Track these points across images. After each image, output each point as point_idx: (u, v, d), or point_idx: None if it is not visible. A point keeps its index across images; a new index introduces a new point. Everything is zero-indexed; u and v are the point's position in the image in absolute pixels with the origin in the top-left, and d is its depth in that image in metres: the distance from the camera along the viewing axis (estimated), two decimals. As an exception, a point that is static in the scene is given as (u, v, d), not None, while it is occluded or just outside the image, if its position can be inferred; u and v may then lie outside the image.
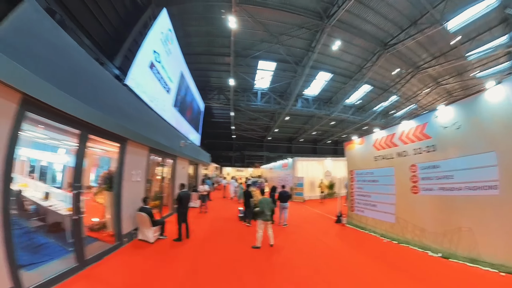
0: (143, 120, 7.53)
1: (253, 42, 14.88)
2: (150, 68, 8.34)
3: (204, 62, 17.27)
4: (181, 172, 12.88)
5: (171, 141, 10.41)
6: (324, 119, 24.00)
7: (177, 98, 12.53)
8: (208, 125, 30.85)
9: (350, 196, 9.89)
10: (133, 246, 6.46)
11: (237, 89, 19.24)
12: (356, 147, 9.98)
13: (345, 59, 16.74)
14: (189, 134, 15.37)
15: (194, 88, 16.69)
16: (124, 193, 6.46)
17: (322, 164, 18.25)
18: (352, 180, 9.93)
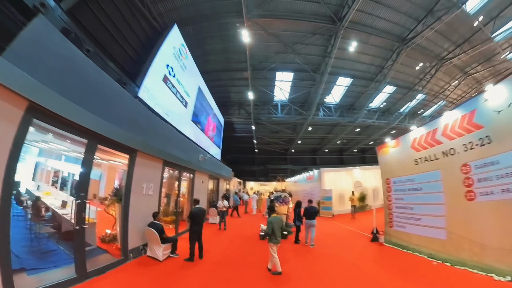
0: (156, 132, 7.56)
1: (268, 54, 15.18)
2: (164, 82, 8.75)
3: (224, 79, 17.87)
4: (200, 186, 12.75)
5: (189, 155, 10.44)
6: (348, 126, 23.28)
7: (195, 112, 12.91)
8: (230, 140, 31.22)
9: (387, 210, 8.47)
10: (139, 263, 6.12)
11: (256, 102, 19.48)
12: (391, 151, 8.71)
13: (363, 61, 16.40)
14: (209, 149, 15.63)
15: (213, 103, 17.15)
16: (132, 206, 6.25)
17: (351, 174, 16.80)
18: (389, 190, 8.58)
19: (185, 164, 9.94)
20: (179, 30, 10.54)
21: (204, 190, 13.91)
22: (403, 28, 13.98)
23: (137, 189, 6.51)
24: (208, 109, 16.05)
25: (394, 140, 8.69)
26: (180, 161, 9.25)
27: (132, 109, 6.46)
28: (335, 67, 16.09)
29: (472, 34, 14.52)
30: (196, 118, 13.08)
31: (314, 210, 8.60)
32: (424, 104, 23.59)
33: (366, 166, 17.96)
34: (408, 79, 19.16)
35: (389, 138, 9.61)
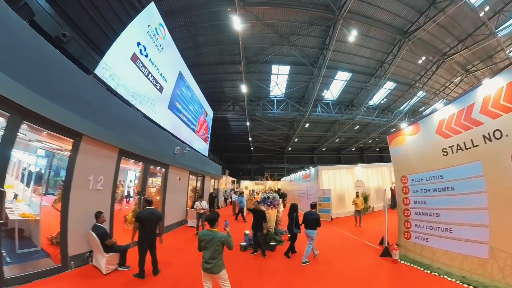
0: (112, 115, 6.46)
1: (263, 46, 14.42)
2: (132, 61, 7.66)
3: (217, 72, 17.12)
4: (176, 184, 11.06)
5: (160, 146, 9.22)
6: (347, 124, 22.58)
7: (174, 99, 11.52)
8: (225, 138, 30.66)
9: (403, 216, 6.57)
10: (81, 273, 5.01)
11: (252, 98, 18.74)
12: (408, 140, 6.70)
13: (363, 54, 15.68)
14: (192, 142, 14.43)
15: (199, 92, 15.85)
16: (73, 202, 5.12)
17: (352, 172, 15.03)
18: (406, 191, 6.56)
19: (154, 156, 8.50)
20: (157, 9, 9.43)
21: (183, 188, 12.20)
22: (404, 20, 13.30)
23: (81, 182, 5.37)
24: (192, 98, 14.69)
25: (412, 125, 6.64)
26: (146, 152, 7.90)
27: (81, 86, 5.52)
28: (333, 60, 15.39)
29: (475, 29, 13.97)
30: (175, 106, 11.70)
31: (314, 217, 6.52)
32: (424, 102, 22.97)
33: (368, 164, 16.89)
34: (409, 76, 18.55)
35: (404, 123, 8.44)
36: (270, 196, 8.30)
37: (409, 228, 6.40)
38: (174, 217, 10.65)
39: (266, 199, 8.18)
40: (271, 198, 8.19)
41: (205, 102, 17.33)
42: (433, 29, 13.49)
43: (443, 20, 12.66)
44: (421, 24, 12.94)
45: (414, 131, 6.55)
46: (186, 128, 13.47)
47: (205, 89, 18.88)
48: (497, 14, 12.83)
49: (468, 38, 14.60)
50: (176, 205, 10.89)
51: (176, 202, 10.96)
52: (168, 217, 9.75)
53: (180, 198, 11.55)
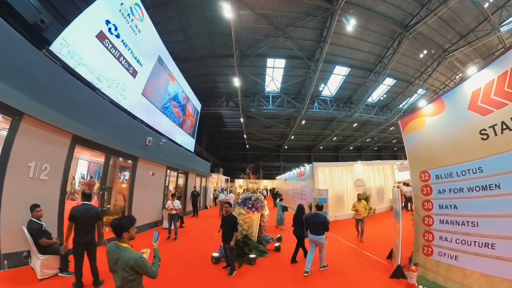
0: (64, 96, 5.67)
1: (257, 38, 13.76)
2: (99, 39, 6.92)
3: (210, 66, 16.46)
4: (149, 180, 9.77)
5: (128, 136, 8.22)
6: (345, 121, 22.03)
7: (151, 86, 10.50)
8: (220, 135, 30.07)
9: (421, 225, 4.95)
10: (13, 275, 4.26)
11: (246, 93, 18.10)
12: (428, 123, 4.99)
13: (362, 48, 15.06)
14: (173, 135, 13.32)
15: (183, 83, 14.87)
16: (7, 192, 4.36)
17: (352, 171, 13.42)
18: (426, 191, 4.90)
19: (119, 146, 7.54)
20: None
21: (158, 185, 10.79)
22: (405, 13, 12.73)
23: (19, 168, 4.62)
24: (174, 87, 13.72)
25: (434, 103, 4.88)
26: (109, 141, 6.99)
27: (27, 60, 4.84)
28: (331, 54, 14.80)
29: (477, 25, 13.48)
30: (152, 94, 10.75)
31: (321, 220, 5.41)
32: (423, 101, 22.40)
33: (369, 162, 15.42)
34: (409, 72, 18.04)
35: (423, 101, 7.18)
36: (252, 197, 6.91)
37: (430, 242, 4.67)
38: (145, 217, 9.32)
39: (246, 201, 6.83)
40: (253, 200, 6.81)
41: (192, 95, 16.45)
42: (434, 23, 13.01)
43: (444, 14, 12.16)
44: (422, 17, 12.37)
45: (437, 109, 4.73)
46: (165, 119, 12.36)
47: (198, 84, 18.26)
48: (500, 9, 12.36)
49: (469, 33, 14.10)
50: (148, 204, 9.64)
51: (149, 201, 9.73)
52: (136, 217, 8.57)
53: (154, 196, 10.28)
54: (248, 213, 6.66)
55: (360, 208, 8.32)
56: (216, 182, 24.23)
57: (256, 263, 5.87)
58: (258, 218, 7.04)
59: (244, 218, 6.53)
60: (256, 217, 6.91)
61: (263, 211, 7.17)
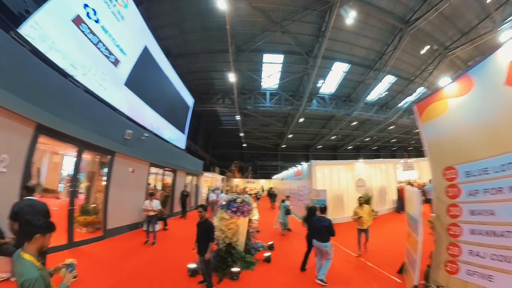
0: (31, 82, 5.17)
1: (254, 32, 13.30)
2: (75, 24, 6.41)
3: (205, 62, 15.97)
4: (128, 177, 8.95)
5: (104, 128, 7.51)
6: (344, 120, 21.62)
7: (136, 76, 9.73)
8: (217, 133, 29.66)
9: (445, 236, 3.84)
10: None
11: (243, 90, 17.66)
12: (452, 106, 3.89)
13: (362, 44, 14.64)
14: (161, 130, 12.57)
15: (173, 75, 14.09)
16: None
17: (352, 169, 12.31)
18: (452, 192, 3.76)
19: (92, 139, 6.82)
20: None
21: (140, 183, 9.85)
22: (406, 7, 12.31)
23: None
24: (162, 78, 12.92)
25: (458, 80, 3.77)
26: (80, 132, 6.33)
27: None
28: (330, 50, 14.37)
29: (479, 22, 13.09)
30: (137, 85, 9.96)
31: (325, 224, 4.90)
32: (424, 99, 22.01)
33: (371, 160, 14.50)
34: (409, 70, 17.67)
35: (446, 78, 5.83)
36: (238, 199, 6.02)
37: (456, 257, 3.62)
38: (123, 218, 8.44)
39: (230, 204, 5.94)
40: (239, 202, 5.94)
41: (183, 89, 15.77)
42: (436, 19, 12.62)
43: (446, 10, 11.77)
44: (423, 13, 11.97)
45: (463, 88, 3.66)
46: (151, 112, 11.55)
47: (193, 81, 17.84)
48: (503, 6, 11.93)
49: (471, 31, 13.74)
50: (127, 204, 8.72)
51: (128, 200, 8.81)
52: (113, 217, 7.81)
53: (134, 195, 9.27)
54: (232, 218, 5.81)
55: (364, 215, 6.46)
56: (211, 181, 23.42)
57: (239, 278, 4.92)
58: (246, 224, 6.19)
59: (228, 224, 5.74)
60: (242, 222, 6.06)
61: (250, 216, 6.22)
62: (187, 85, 17.65)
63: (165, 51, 14.87)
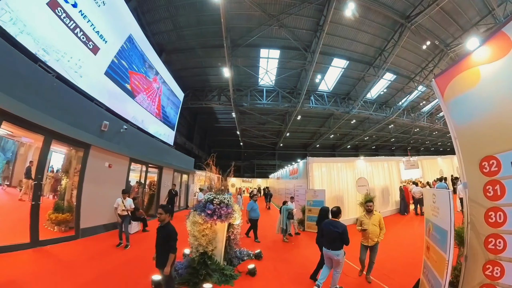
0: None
1: (250, 27, 12.89)
2: (50, 8, 5.96)
3: (200, 57, 15.51)
4: (104, 172, 8.14)
5: (76, 117, 6.86)
6: (343, 118, 21.25)
7: (117, 66, 9.14)
8: (213, 132, 29.22)
9: (480, 249, 2.80)
10: None
11: (239, 87, 17.24)
12: (486, 75, 2.81)
13: (361, 40, 14.24)
14: (146, 124, 11.80)
15: (162, 67, 13.37)
16: None
17: (353, 168, 11.28)
18: (493, 191, 2.68)
19: (62, 129, 6.17)
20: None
21: (118, 179, 8.91)
22: (407, 2, 11.95)
23: None
24: (149, 71, 12.15)
25: (491, 41, 2.80)
26: (48, 121, 5.75)
27: None
28: (328, 45, 14.00)
29: (481, 18, 12.77)
30: (119, 76, 9.33)
31: (338, 230, 4.11)
32: (424, 98, 21.90)
33: (373, 158, 13.51)
34: (409, 67, 17.37)
35: (473, 38, 4.56)
36: (215, 199, 5.10)
37: (497, 279, 2.59)
38: (99, 217, 7.67)
39: (207, 205, 4.98)
40: (217, 204, 5.02)
41: (173, 82, 14.88)
42: (437, 15, 12.38)
43: (447, 5, 11.52)
44: (424, 8, 11.64)
45: (499, 51, 2.69)
46: (135, 105, 10.84)
47: (189, 78, 17.43)
48: (505, 2, 11.64)
49: (473, 28, 13.31)
50: (103, 202, 7.80)
51: (104, 198, 7.85)
52: (87, 216, 7.12)
53: (112, 192, 8.11)
54: (207, 223, 4.88)
55: (372, 227, 4.70)
56: (204, 180, 22.81)
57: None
58: (225, 230, 5.23)
59: (201, 229, 4.84)
60: (221, 228, 5.13)
61: (231, 220, 5.21)
62: (182, 82, 17.24)
63: (159, 46, 14.53)
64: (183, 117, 21.13)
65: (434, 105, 23.56)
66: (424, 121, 24.28)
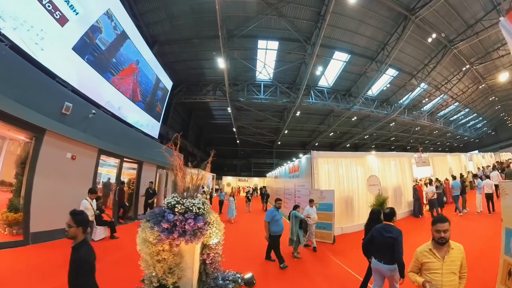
0: None
1: (247, 16, 12.16)
2: None
3: (195, 49, 14.74)
4: (66, 165, 6.73)
5: (31, 96, 5.75)
6: (343, 115, 20.62)
7: (90, 41, 7.97)
8: (209, 129, 28.51)
9: None
10: None
11: (235, 81, 16.49)
12: None
13: (363, 33, 13.59)
14: (123, 111, 10.32)
15: (146, 52, 12.01)
16: None
17: (364, 164, 9.72)
18: None
19: (9, 108, 5.04)
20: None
21: (85, 174, 7.51)
22: (411, -7, 11.34)
23: None
24: (132, 53, 10.77)
25: None
26: None
27: None
28: (330, 38, 13.35)
29: (485, 13, 12.47)
30: (92, 53, 8.14)
31: (392, 235, 3.17)
32: (424, 96, 21.49)
33: (385, 153, 12.27)
34: (412, 64, 16.86)
35: None
36: (178, 205, 3.44)
37: None
38: (56, 220, 5.96)
39: (165, 214, 3.34)
40: (179, 212, 3.40)
41: (158, 67, 13.49)
42: (441, 8, 11.93)
43: (452, 0, 11.09)
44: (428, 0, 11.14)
45: None
46: (110, 89, 9.47)
47: (183, 71, 16.71)
48: (508, 0, 11.27)
49: (477, 23, 13.07)
50: (63, 201, 6.28)
51: (64, 196, 6.45)
52: (40, 218, 5.81)
53: (75, 190, 6.75)
54: (163, 242, 3.26)
55: (448, 277, 2.20)
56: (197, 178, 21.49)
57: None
58: (195, 251, 3.57)
59: (155, 252, 3.27)
60: (189, 249, 3.48)
61: (202, 239, 3.52)
62: (175, 76, 16.47)
63: (152, 38, 13.79)
64: (177, 113, 20.38)
65: (435, 103, 23.21)
66: (425, 119, 23.84)
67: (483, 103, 24.63)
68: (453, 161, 14.47)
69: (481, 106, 25.17)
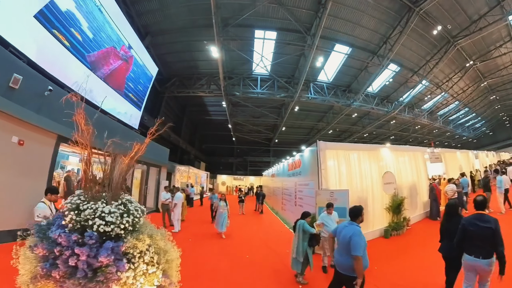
0: None
1: (242, 3, 11.43)
2: None
3: (188, 39, 13.96)
4: (9, 151, 5.23)
5: None
6: (342, 113, 20.06)
7: (58, 10, 6.81)
8: (204, 126, 27.77)
9: None
10: None
11: (231, 74, 15.75)
12: None
13: (365, 25, 13.00)
14: (96, 96, 8.05)
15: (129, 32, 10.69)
16: None
17: (377, 158, 8.17)
18: None
19: None
20: None
21: (39, 165, 6.03)
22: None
23: None
24: (110, 31, 9.47)
25: None
26: None
27: None
28: (330, 29, 12.75)
29: (489, 9, 12.29)
30: (61, 22, 6.97)
31: (490, 225, 2.84)
32: (425, 95, 21.17)
33: (399, 147, 11.37)
34: (414, 59, 16.40)
35: None
36: (75, 212, 1.74)
37: None
38: None
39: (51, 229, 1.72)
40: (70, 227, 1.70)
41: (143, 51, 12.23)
42: (445, 1, 11.64)
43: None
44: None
45: None
46: (81, 68, 8.03)
47: (175, 63, 15.94)
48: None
49: (480, 19, 12.80)
50: (7, 196, 5.13)
51: (8, 191, 5.18)
52: None
53: (25, 184, 5.48)
54: (42, 282, 1.61)
55: None
56: (189, 176, 19.45)
57: None
58: None
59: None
60: None
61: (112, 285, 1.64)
62: (167, 68, 15.70)
63: (144, 28, 13.01)
64: (169, 108, 19.55)
65: (435, 102, 22.82)
66: (425, 118, 23.50)
67: (482, 103, 24.48)
68: (462, 158, 13.93)
69: (481, 105, 25.02)
